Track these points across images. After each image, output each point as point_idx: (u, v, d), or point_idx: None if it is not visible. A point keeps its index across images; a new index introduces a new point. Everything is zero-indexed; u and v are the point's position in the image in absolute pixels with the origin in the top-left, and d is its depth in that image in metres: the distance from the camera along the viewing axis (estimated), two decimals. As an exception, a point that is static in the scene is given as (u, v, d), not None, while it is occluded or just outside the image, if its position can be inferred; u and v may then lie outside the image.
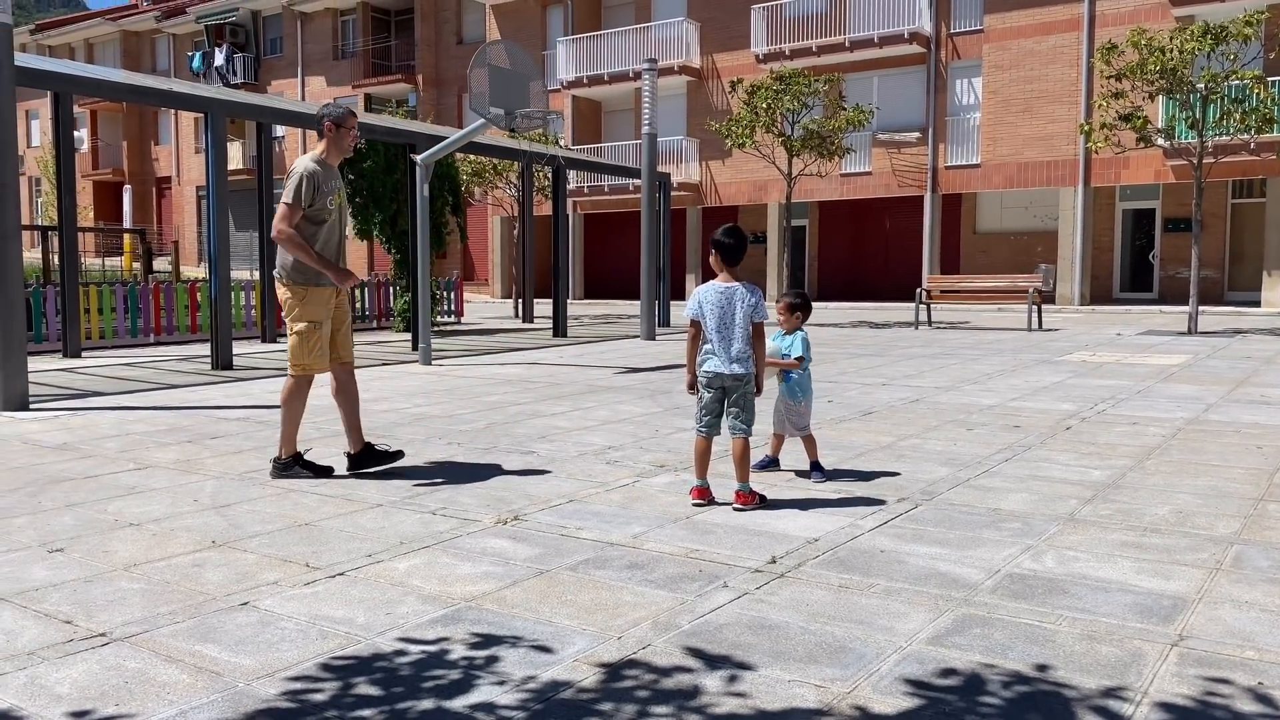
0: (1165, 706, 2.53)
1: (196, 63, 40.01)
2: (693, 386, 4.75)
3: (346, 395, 5.47)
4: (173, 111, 40.96)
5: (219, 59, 39.75)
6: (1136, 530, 4.15)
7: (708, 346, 4.62)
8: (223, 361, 10.75)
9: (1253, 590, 3.39)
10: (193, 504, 4.72)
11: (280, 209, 5.18)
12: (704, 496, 4.66)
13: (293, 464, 5.33)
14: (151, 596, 3.40)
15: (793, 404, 5.29)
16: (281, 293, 5.31)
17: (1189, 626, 3.07)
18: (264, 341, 14.84)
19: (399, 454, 5.55)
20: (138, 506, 4.67)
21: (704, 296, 4.63)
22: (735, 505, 4.55)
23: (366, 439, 5.62)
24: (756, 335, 4.65)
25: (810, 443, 5.32)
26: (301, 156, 5.36)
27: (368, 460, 5.43)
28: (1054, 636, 3.00)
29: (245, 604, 3.32)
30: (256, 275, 18.93)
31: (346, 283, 5.34)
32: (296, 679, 2.73)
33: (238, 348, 13.57)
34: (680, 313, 5.04)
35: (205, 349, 12.88)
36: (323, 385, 5.77)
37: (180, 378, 10.05)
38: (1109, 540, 4.01)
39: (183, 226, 43.02)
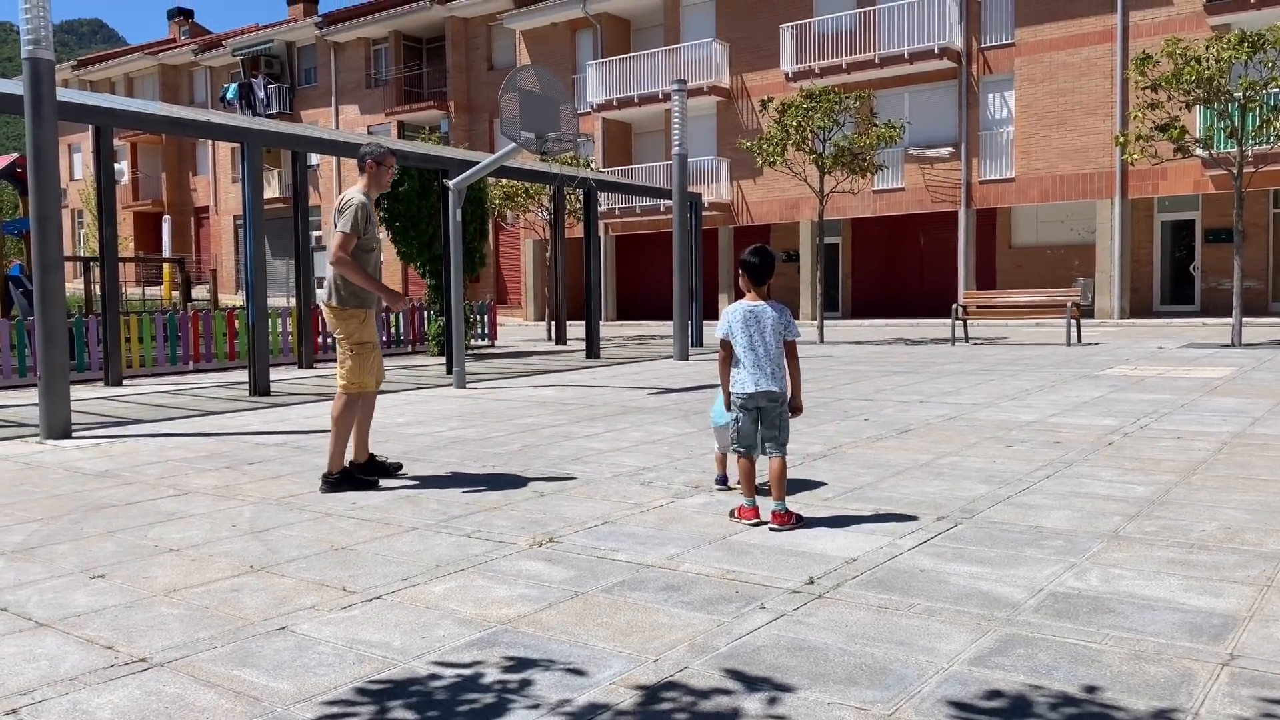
0: (1218, 728, 2.46)
1: (232, 93, 40.74)
2: (728, 408, 4.75)
3: (367, 411, 5.80)
4: (210, 142, 41.70)
5: (259, 90, 40.44)
6: (1183, 547, 4.06)
7: (739, 366, 4.61)
8: (260, 388, 10.86)
9: (1306, 608, 3.30)
10: (231, 529, 4.76)
11: (338, 238, 5.43)
12: (755, 515, 4.61)
13: (342, 480, 5.57)
14: (190, 622, 3.42)
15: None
16: (333, 317, 5.60)
17: (1240, 645, 2.99)
18: (300, 367, 14.99)
19: (398, 466, 6.01)
20: (177, 532, 4.72)
21: (733, 316, 4.63)
22: (772, 525, 4.52)
23: (370, 451, 5.98)
24: (789, 354, 4.64)
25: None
26: (351, 189, 5.62)
27: (373, 470, 5.79)
28: (1100, 656, 2.93)
29: (283, 628, 3.33)
30: (293, 302, 19.17)
31: (398, 304, 5.79)
32: (333, 703, 2.73)
33: (275, 374, 13.72)
34: (713, 333, 5.18)
35: (243, 375, 13.04)
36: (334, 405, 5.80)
37: (219, 404, 10.17)
38: (1155, 557, 3.93)
39: (220, 255, 43.71)
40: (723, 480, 5.48)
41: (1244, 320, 18.52)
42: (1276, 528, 4.32)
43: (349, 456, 5.78)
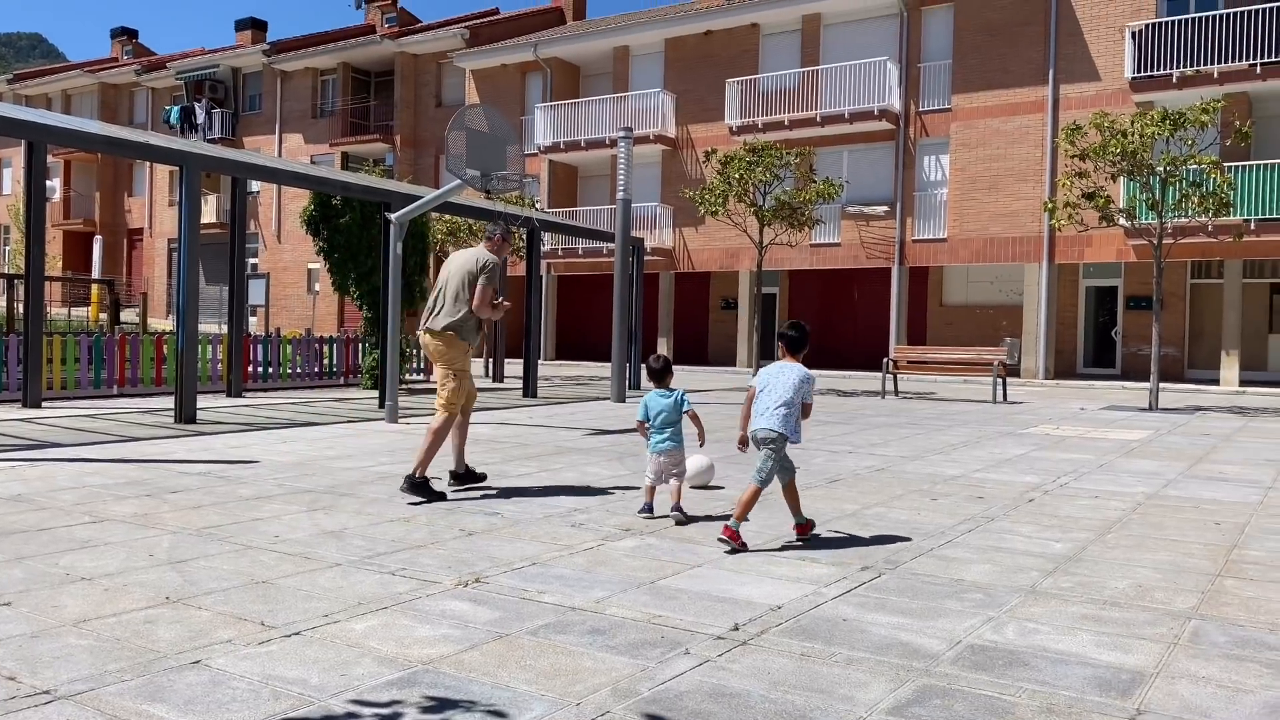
0: (1123, 781, 2.52)
1: (174, 116, 40.16)
2: (743, 443, 5.37)
3: (462, 430, 6.82)
4: (148, 164, 40.98)
5: (199, 115, 39.92)
6: (1096, 603, 4.17)
7: (756, 409, 5.24)
8: (186, 415, 10.62)
9: (1209, 665, 3.41)
10: (148, 559, 4.64)
11: (484, 290, 6.63)
12: (738, 539, 5.06)
13: (424, 486, 6.37)
14: (100, 653, 3.32)
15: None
16: (445, 346, 6.66)
17: (1146, 701, 3.08)
18: (230, 396, 14.70)
19: (483, 476, 6.94)
20: (90, 561, 4.58)
21: (767, 369, 5.34)
22: (720, 536, 5.08)
23: (467, 463, 7.01)
24: (805, 414, 5.25)
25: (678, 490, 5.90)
26: (481, 249, 6.83)
27: (467, 479, 6.80)
28: (1014, 709, 3.00)
29: (197, 662, 3.25)
30: (224, 329, 18.79)
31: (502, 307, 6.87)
32: (246, 741, 2.66)
33: (203, 401, 13.43)
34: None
35: (169, 402, 12.74)
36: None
37: (142, 430, 9.92)
38: (1069, 613, 4.03)
39: (153, 278, 42.78)
40: (648, 509, 5.91)
41: (1161, 385, 19.15)
42: (1185, 587, 4.47)
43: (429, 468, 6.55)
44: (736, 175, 18.32)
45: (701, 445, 6.28)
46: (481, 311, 6.68)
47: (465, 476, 6.80)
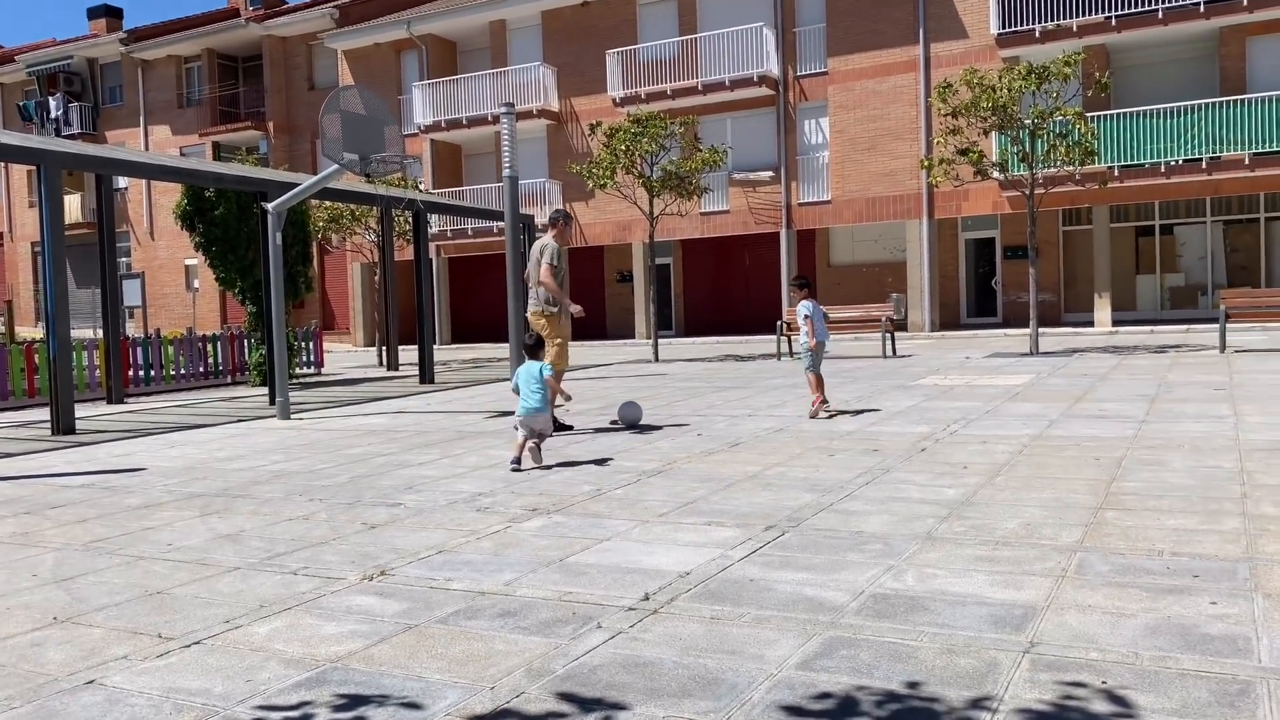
0: (1022, 712, 2.64)
1: (31, 110, 37.99)
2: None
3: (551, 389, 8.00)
4: (2, 164, 38.72)
5: (55, 109, 37.86)
6: (989, 544, 4.35)
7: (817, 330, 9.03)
8: (64, 426, 10.15)
9: (1095, 594, 3.59)
10: (31, 579, 4.43)
11: (546, 268, 8.36)
12: (823, 403, 8.91)
13: (554, 421, 7.79)
14: (-16, 683, 3.16)
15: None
16: (541, 322, 8.43)
17: (1039, 633, 3.23)
18: (110, 403, 14.09)
19: (570, 427, 8.61)
20: (-32, 586, 4.34)
21: (811, 303, 9.15)
22: (815, 413, 8.89)
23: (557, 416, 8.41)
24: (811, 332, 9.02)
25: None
26: (544, 237, 8.55)
27: (557, 427, 8.15)
28: (917, 653, 3.10)
29: (91, 682, 3.13)
30: (100, 333, 17.95)
31: (573, 308, 8.48)
32: (148, 758, 2.58)
33: (81, 410, 12.85)
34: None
35: (44, 414, 12.15)
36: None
37: (16, 445, 9.44)
38: (964, 555, 4.18)
39: (17, 284, 40.61)
40: (516, 462, 6.75)
41: (1040, 330, 19.98)
42: (1070, 522, 4.69)
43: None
44: (623, 147, 18.29)
45: (554, 405, 7.53)
46: (547, 286, 8.35)
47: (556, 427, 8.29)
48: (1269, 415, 7.86)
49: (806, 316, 9.07)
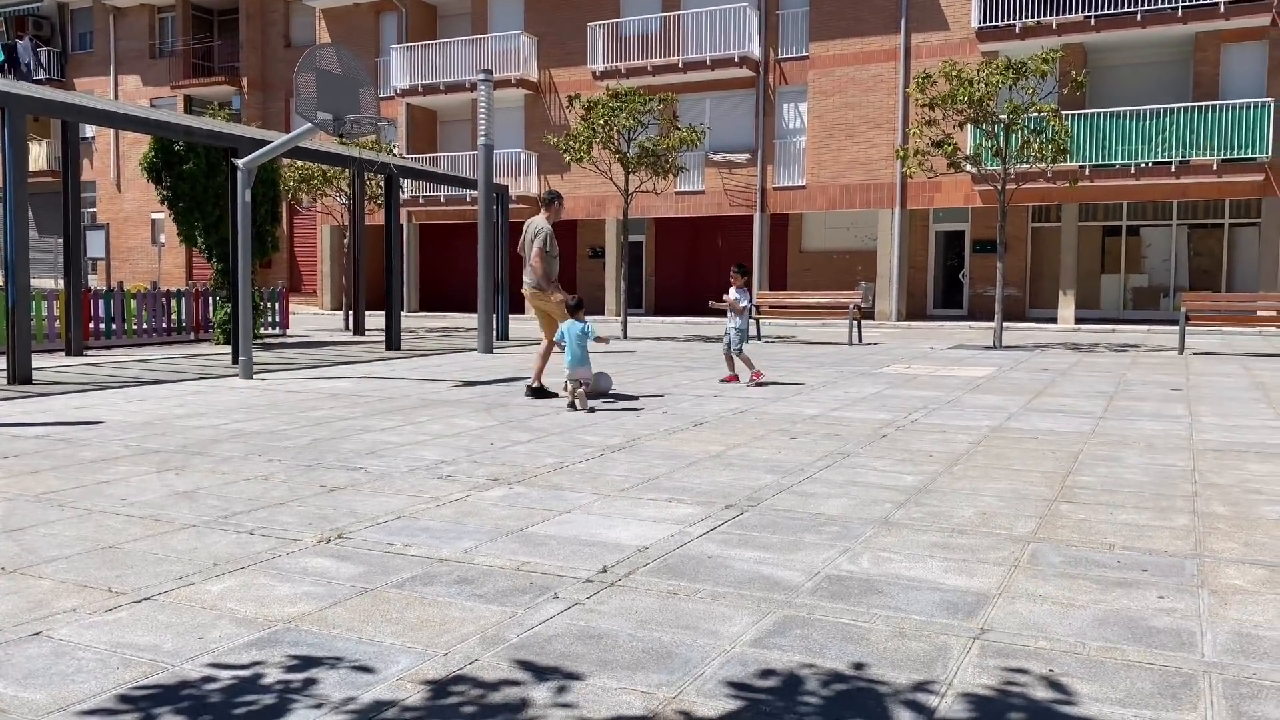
0: (967, 697, 2.68)
1: (-4, 54, 37.13)
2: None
3: (544, 358, 9.10)
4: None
5: (25, 54, 36.97)
6: (945, 531, 4.40)
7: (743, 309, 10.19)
8: (21, 376, 9.98)
9: (1046, 584, 3.65)
10: (-21, 529, 4.36)
11: (537, 252, 8.88)
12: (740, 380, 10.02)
13: (541, 389, 8.93)
14: (-73, 630, 3.11)
15: None
16: (538, 297, 8.99)
17: (989, 621, 3.27)
18: (69, 354, 13.87)
19: (555, 394, 8.91)
20: (-86, 533, 4.27)
21: (740, 292, 10.15)
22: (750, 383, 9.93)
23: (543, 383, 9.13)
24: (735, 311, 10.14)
25: None
26: (538, 218, 9.00)
27: (540, 394, 8.94)
28: (868, 635, 3.14)
29: (38, 634, 3.09)
30: (61, 283, 17.62)
31: (560, 294, 8.96)
32: (92, 712, 2.55)
33: (39, 361, 12.64)
34: (517, 326, 6.61)
35: (1, 363, 11.93)
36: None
37: (-31, 393, 9.27)
38: (920, 541, 4.23)
39: (-24, 230, 39.73)
40: (571, 405, 8.22)
41: (1005, 324, 20.18)
42: (1025, 513, 4.75)
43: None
44: (601, 121, 18.18)
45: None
46: (537, 266, 8.87)
47: (539, 392, 8.95)
48: (1223, 417, 8.00)
49: (735, 299, 10.14)
